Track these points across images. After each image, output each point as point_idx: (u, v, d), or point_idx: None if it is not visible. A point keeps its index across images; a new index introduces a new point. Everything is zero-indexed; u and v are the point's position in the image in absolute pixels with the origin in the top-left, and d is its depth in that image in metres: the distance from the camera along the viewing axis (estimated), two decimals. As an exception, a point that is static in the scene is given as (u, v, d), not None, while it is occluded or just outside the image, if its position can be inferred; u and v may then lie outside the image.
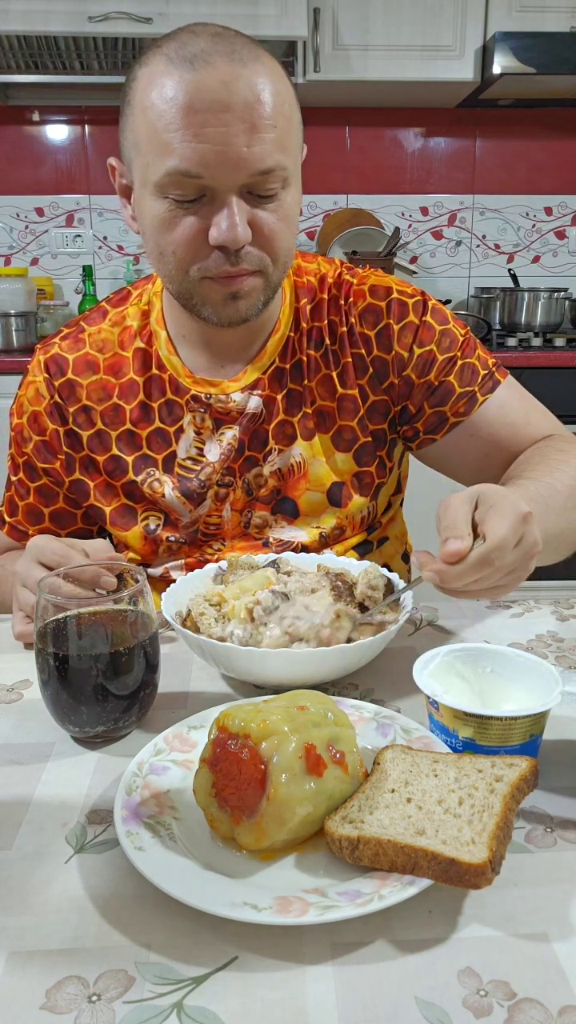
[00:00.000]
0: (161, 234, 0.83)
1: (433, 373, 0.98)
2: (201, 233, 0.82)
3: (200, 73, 0.77)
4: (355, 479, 1.00)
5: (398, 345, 0.97)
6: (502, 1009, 0.44)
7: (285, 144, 0.81)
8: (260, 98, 0.78)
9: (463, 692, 0.67)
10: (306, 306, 0.98)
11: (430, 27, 2.45)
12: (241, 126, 0.77)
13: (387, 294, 0.98)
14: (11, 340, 2.55)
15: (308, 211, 2.96)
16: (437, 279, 3.04)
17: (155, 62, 0.80)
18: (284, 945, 0.48)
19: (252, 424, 0.97)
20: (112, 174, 0.90)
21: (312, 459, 0.99)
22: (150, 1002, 0.45)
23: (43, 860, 0.56)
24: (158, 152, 0.79)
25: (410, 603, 0.80)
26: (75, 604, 0.67)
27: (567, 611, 0.95)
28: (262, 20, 2.32)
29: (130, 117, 0.82)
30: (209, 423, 0.97)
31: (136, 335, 0.99)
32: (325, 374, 0.98)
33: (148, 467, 0.99)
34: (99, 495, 1.00)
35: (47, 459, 1.01)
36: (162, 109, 0.78)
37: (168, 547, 1.00)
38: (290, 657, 0.71)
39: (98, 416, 0.99)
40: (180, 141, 0.78)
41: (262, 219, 0.82)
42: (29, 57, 2.48)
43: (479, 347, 1.01)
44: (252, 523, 1.00)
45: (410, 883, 0.49)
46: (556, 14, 2.47)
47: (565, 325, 2.77)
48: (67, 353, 1.00)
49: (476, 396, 0.98)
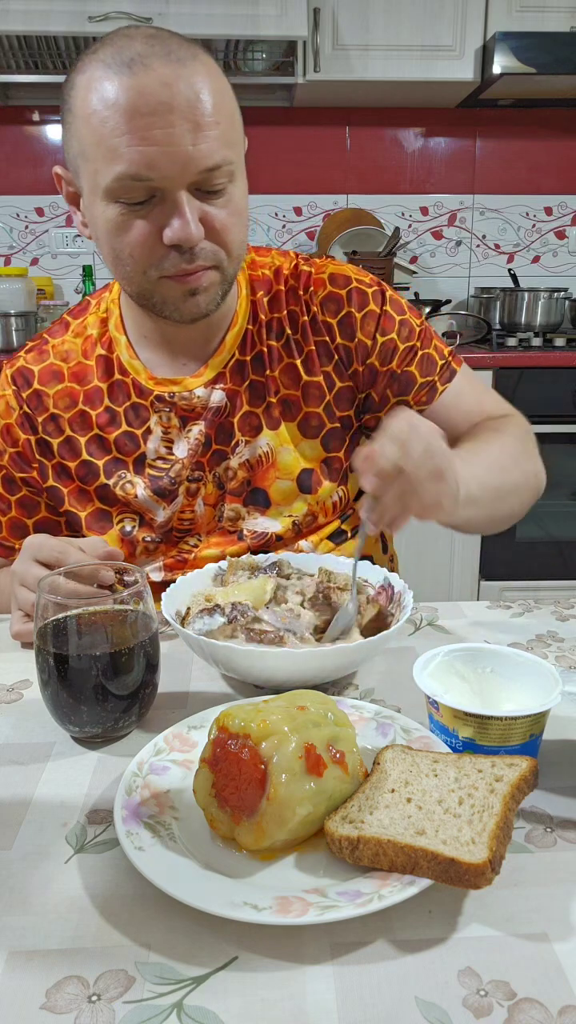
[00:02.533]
0: (115, 238, 0.84)
1: (395, 362, 1.00)
2: (154, 234, 0.83)
3: (139, 76, 0.77)
4: (324, 465, 1.01)
5: (361, 333, 0.99)
6: (502, 1009, 0.44)
7: (229, 139, 0.82)
8: (201, 96, 0.79)
9: (463, 692, 0.67)
10: (263, 298, 1.00)
11: (430, 27, 2.45)
12: (186, 125, 0.78)
13: (346, 283, 1.00)
14: (11, 340, 2.55)
15: (308, 211, 2.96)
16: (437, 279, 3.04)
17: (92, 68, 0.80)
18: (284, 945, 0.48)
19: (217, 418, 0.98)
20: (59, 183, 0.90)
21: (280, 448, 1.00)
22: (150, 1002, 0.45)
23: (43, 860, 0.56)
24: (105, 158, 0.80)
25: (410, 603, 0.80)
26: (75, 603, 0.67)
27: (567, 611, 0.95)
28: (262, 20, 2.31)
29: (73, 125, 0.83)
30: (175, 421, 0.98)
31: (96, 342, 1.00)
32: (288, 363, 0.99)
33: (119, 470, 0.99)
34: (73, 500, 1.01)
35: (24, 469, 1.01)
36: (105, 115, 0.78)
37: (145, 548, 1.01)
38: (290, 657, 0.71)
39: (66, 423, 1.00)
40: (127, 145, 0.78)
41: (213, 215, 0.84)
42: (29, 57, 2.48)
43: (435, 336, 1.04)
44: (225, 516, 1.01)
45: (410, 883, 0.49)
46: (556, 14, 2.47)
47: (565, 325, 2.76)
48: (32, 365, 1.01)
49: (436, 386, 1.02)
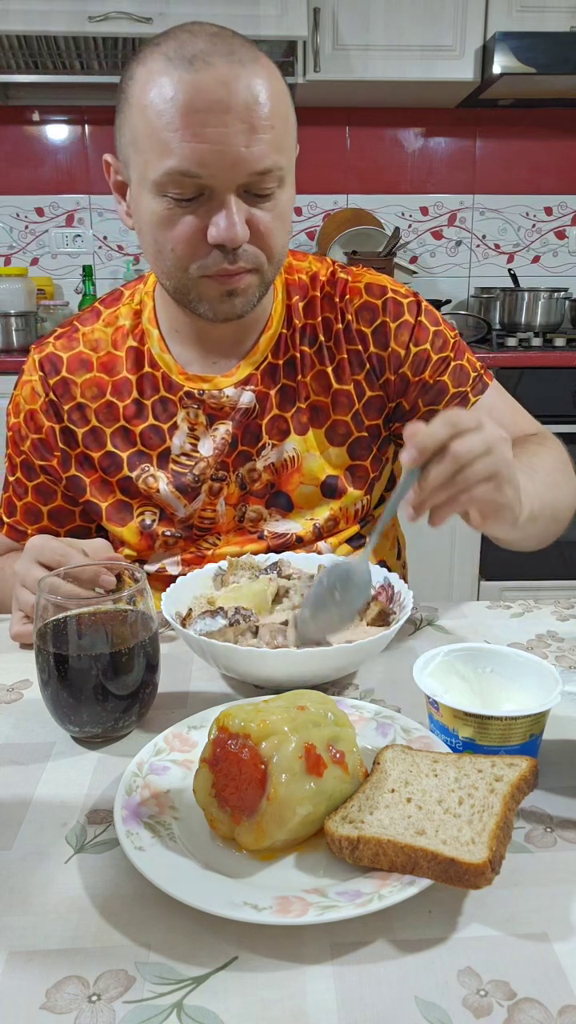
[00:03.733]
0: (160, 232, 0.84)
1: (428, 372, 1.00)
2: (199, 231, 0.82)
3: (200, 74, 0.77)
4: (348, 472, 1.01)
5: (395, 343, 0.99)
6: (502, 1009, 0.44)
7: (282, 144, 0.82)
8: (259, 99, 0.79)
9: (463, 692, 0.67)
10: (298, 303, 0.99)
11: (430, 27, 2.45)
12: (240, 126, 0.78)
13: (382, 293, 0.99)
14: (11, 340, 2.55)
15: (308, 211, 2.96)
16: (437, 279, 3.03)
17: (153, 61, 0.80)
18: (284, 945, 0.48)
19: (245, 419, 0.98)
20: (107, 170, 0.90)
21: (306, 453, 1.00)
22: (150, 1002, 0.45)
23: (43, 860, 0.56)
24: (157, 151, 0.80)
25: (410, 603, 0.80)
26: (75, 604, 0.67)
27: (567, 611, 0.95)
28: (262, 20, 2.32)
29: (128, 115, 0.83)
30: (203, 419, 0.98)
31: (128, 334, 0.99)
32: (319, 370, 0.99)
33: (143, 463, 0.99)
34: (95, 491, 1.01)
35: (44, 456, 1.01)
36: (161, 108, 0.78)
37: (164, 542, 1.01)
38: (290, 657, 0.71)
39: (92, 413, 0.99)
40: (180, 141, 0.78)
41: (259, 218, 0.83)
42: (29, 57, 2.48)
43: (467, 350, 1.04)
44: (247, 517, 1.01)
45: (410, 883, 0.49)
46: (556, 14, 2.46)
47: (565, 325, 2.76)
48: (61, 352, 1.00)
49: (468, 396, 1.01)
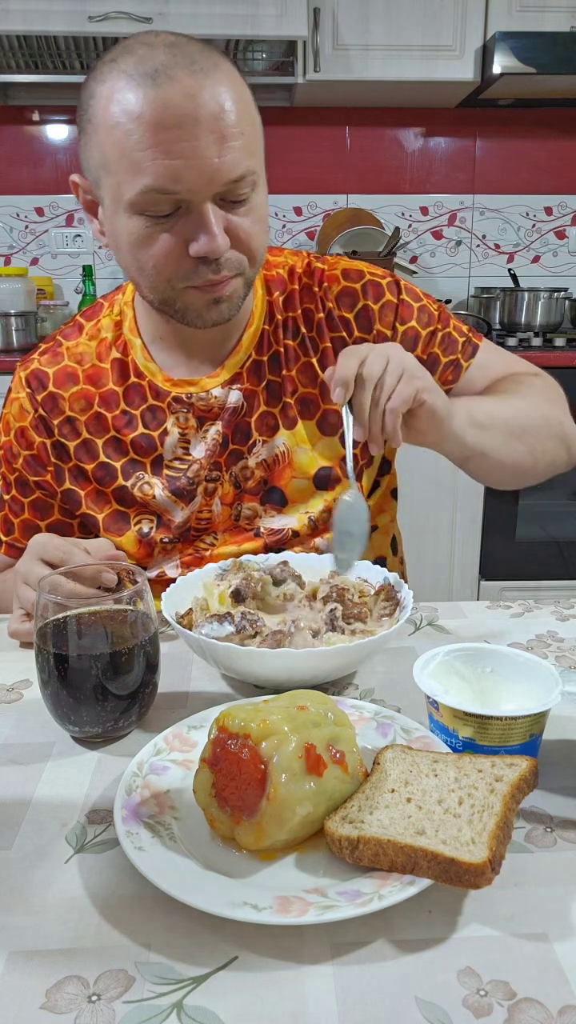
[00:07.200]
0: (140, 251, 0.83)
1: (419, 348, 1.00)
2: (180, 246, 0.82)
3: (164, 89, 0.76)
4: (343, 462, 1.01)
5: (380, 324, 0.99)
6: (502, 1009, 0.44)
7: (252, 148, 0.82)
8: (224, 107, 0.78)
9: (463, 692, 0.67)
10: (279, 298, 1.00)
11: (430, 27, 2.45)
12: (210, 137, 0.77)
13: (360, 276, 1.00)
14: (11, 340, 2.55)
15: (308, 211, 2.96)
16: (437, 279, 3.03)
17: (113, 79, 0.79)
18: (284, 945, 0.48)
19: (234, 418, 0.98)
20: (75, 191, 0.90)
21: (295, 447, 1.00)
22: (150, 1002, 0.45)
23: (43, 860, 0.56)
24: (130, 171, 0.79)
25: (410, 603, 0.80)
26: (75, 603, 0.67)
27: (567, 611, 0.95)
28: (262, 20, 2.31)
29: (93, 136, 0.82)
30: (192, 421, 0.98)
31: (111, 346, 1.00)
32: (305, 361, 0.99)
33: (137, 471, 0.99)
34: (91, 503, 1.01)
35: (38, 472, 1.01)
36: (129, 128, 0.77)
37: (163, 548, 1.01)
38: (290, 657, 0.71)
39: (82, 426, 0.99)
40: (152, 159, 0.77)
41: (237, 224, 0.83)
42: (29, 57, 2.48)
43: (452, 317, 1.05)
44: (242, 515, 1.01)
45: (410, 883, 0.49)
46: (556, 14, 2.46)
47: (565, 325, 2.76)
48: (47, 367, 1.00)
49: (460, 363, 1.03)
